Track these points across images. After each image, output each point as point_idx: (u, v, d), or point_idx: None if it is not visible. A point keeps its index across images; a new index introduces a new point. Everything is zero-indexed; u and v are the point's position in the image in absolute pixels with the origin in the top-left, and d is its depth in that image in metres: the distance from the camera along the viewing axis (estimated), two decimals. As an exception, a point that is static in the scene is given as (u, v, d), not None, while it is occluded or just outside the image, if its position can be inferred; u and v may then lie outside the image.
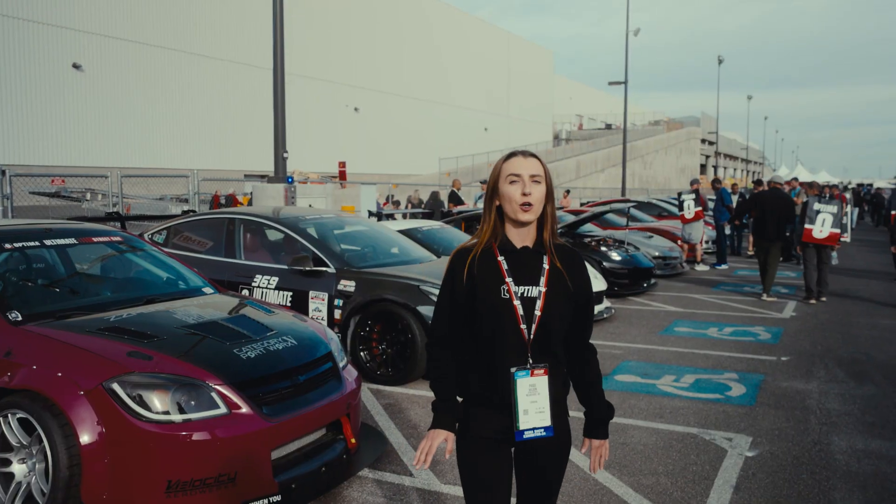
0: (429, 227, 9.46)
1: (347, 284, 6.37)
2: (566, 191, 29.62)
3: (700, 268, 14.82)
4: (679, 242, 14.89)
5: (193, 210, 11.79)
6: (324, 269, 6.49)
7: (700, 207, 14.66)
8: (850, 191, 32.37)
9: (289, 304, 6.49)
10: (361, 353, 6.24)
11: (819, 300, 10.65)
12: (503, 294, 2.21)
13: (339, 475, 4.02)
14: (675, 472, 4.34)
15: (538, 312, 2.21)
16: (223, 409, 3.47)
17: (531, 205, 2.20)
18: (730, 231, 17.12)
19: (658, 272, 12.91)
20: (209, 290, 4.93)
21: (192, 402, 3.43)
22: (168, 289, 4.87)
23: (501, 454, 2.28)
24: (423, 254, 7.49)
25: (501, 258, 2.25)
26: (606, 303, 9.47)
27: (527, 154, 2.27)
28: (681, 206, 14.99)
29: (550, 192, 2.26)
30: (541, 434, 2.23)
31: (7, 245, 4.34)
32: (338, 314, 6.35)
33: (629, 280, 11.07)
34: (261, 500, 3.52)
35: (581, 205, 24.62)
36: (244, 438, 3.46)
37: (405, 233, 8.50)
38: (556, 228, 2.32)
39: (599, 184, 48.27)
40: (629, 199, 21.28)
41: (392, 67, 46.52)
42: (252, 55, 35.47)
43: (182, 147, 33.47)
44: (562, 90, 73.02)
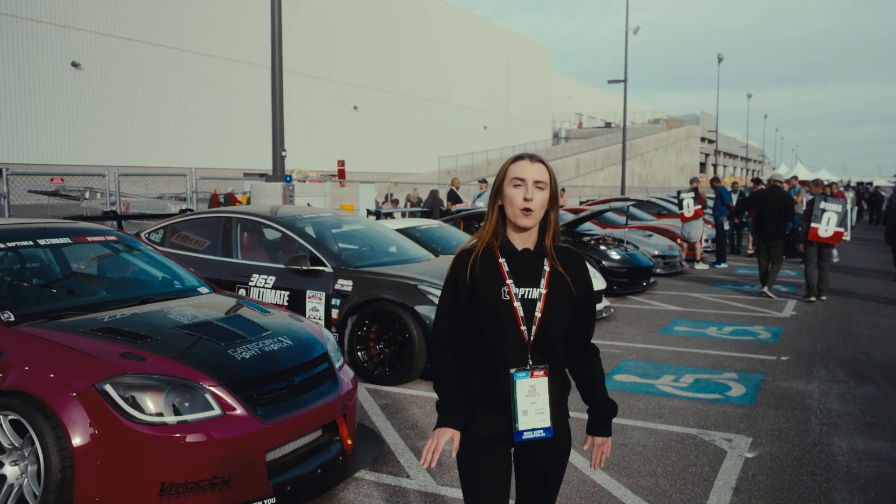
0: (427, 226, 9.42)
1: (345, 284, 6.33)
2: (561, 189, 29.57)
3: (699, 266, 14.79)
4: (678, 241, 14.86)
5: (191, 209, 11.75)
6: (321, 269, 6.45)
7: (700, 206, 14.63)
8: (853, 189, 32.32)
9: (286, 304, 6.45)
10: (359, 353, 6.21)
11: (819, 298, 10.63)
12: (504, 295, 2.22)
13: (336, 477, 3.99)
14: (675, 474, 4.31)
15: (538, 314, 2.22)
16: (217, 411, 3.44)
17: (531, 210, 2.21)
18: (728, 228, 17.09)
19: (657, 271, 12.90)
20: (205, 290, 4.89)
21: (186, 404, 3.40)
22: (163, 289, 4.84)
23: (501, 454, 2.29)
24: (422, 253, 7.46)
25: (502, 260, 2.26)
26: (605, 302, 9.45)
27: (534, 159, 2.26)
28: (680, 205, 14.94)
29: (555, 199, 2.25)
30: (540, 435, 2.24)
31: (0, 244, 4.30)
32: (335, 314, 6.32)
33: (628, 279, 11.04)
34: (255, 503, 3.48)
35: (580, 203, 24.58)
36: (238, 440, 3.43)
37: (403, 231, 8.46)
38: (559, 233, 2.33)
39: (599, 182, 48.32)
40: (629, 198, 21.23)
41: (391, 66, 46.52)
42: (251, 53, 35.45)
43: (181, 145, 33.46)
44: (561, 88, 73.08)
